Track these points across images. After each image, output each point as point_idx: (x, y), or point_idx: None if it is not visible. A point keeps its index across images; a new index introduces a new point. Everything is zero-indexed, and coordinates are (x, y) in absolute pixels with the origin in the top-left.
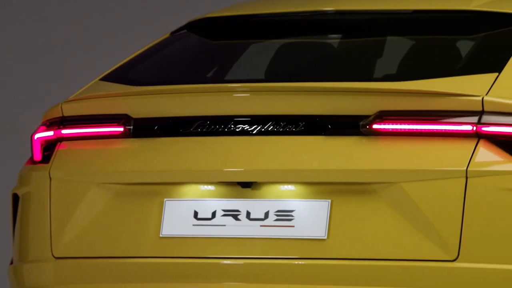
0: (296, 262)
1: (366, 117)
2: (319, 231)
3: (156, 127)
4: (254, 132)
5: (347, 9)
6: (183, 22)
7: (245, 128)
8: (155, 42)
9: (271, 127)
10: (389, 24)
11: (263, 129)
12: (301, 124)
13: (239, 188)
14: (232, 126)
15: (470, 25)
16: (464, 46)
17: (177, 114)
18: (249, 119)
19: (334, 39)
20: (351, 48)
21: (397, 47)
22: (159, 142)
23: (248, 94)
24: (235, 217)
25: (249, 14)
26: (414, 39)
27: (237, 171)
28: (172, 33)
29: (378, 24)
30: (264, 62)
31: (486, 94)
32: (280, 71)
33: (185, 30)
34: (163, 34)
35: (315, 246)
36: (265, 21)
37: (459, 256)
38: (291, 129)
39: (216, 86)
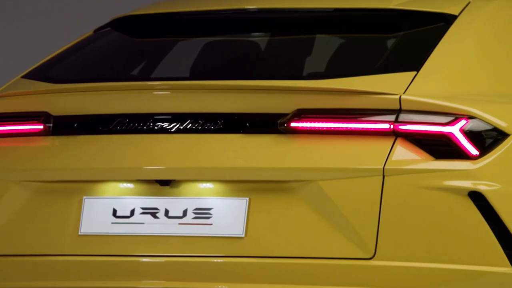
0: (214, 260)
1: (284, 115)
2: (237, 229)
3: (75, 125)
4: (173, 130)
5: (270, 7)
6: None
7: (164, 126)
8: (78, 39)
9: (190, 125)
10: (310, 23)
11: (181, 127)
12: (220, 122)
13: (158, 186)
14: (152, 124)
15: (390, 23)
16: (385, 44)
17: (96, 112)
18: (168, 117)
19: (258, 37)
20: (274, 47)
21: (320, 45)
22: (78, 140)
23: (167, 92)
24: (154, 215)
25: (173, 12)
26: (335, 37)
27: (155, 169)
28: (95, 31)
29: (300, 23)
30: (191, 61)
31: (404, 93)
32: (203, 69)
33: (108, 28)
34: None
35: (233, 244)
36: (190, 19)
37: (376, 254)
38: (210, 127)
39: (135, 84)
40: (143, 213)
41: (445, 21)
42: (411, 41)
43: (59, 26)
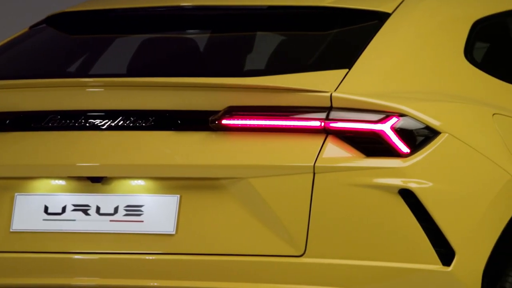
0: (145, 257)
1: (216, 112)
2: (168, 226)
3: (7, 121)
4: (104, 127)
5: (207, 5)
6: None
7: (96, 123)
8: (13, 36)
9: (122, 122)
10: (246, 20)
11: (113, 124)
12: (151, 119)
13: (89, 183)
14: (84, 121)
15: (324, 21)
16: (318, 42)
17: (29, 108)
18: (101, 114)
19: (196, 35)
20: (211, 44)
21: (262, 43)
22: (10, 137)
23: (100, 89)
24: (85, 212)
25: (109, 9)
26: (269, 35)
27: (87, 166)
28: (31, 27)
29: (236, 20)
30: (129, 58)
31: (335, 90)
32: (139, 66)
33: (44, 25)
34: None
35: (164, 241)
36: (127, 16)
37: (306, 252)
38: (141, 124)
39: (68, 81)
40: (74, 210)
41: (378, 19)
42: (345, 39)
43: None
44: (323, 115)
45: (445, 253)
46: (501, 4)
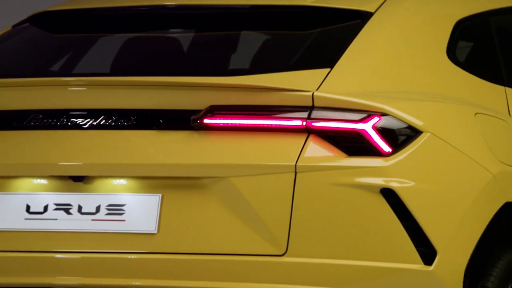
0: (126, 256)
1: (198, 111)
2: (150, 225)
3: None
4: (86, 126)
5: (191, 4)
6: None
7: (78, 122)
8: None
9: (103, 121)
10: (229, 20)
11: (95, 123)
12: (133, 119)
13: (71, 182)
14: (66, 120)
15: (307, 21)
16: (301, 41)
17: (10, 107)
18: (82, 113)
19: (179, 34)
20: (194, 43)
21: (247, 42)
22: None
23: (82, 88)
24: (67, 211)
25: (93, 8)
26: (252, 34)
27: (69, 165)
28: (13, 27)
29: (219, 20)
30: (112, 57)
31: (317, 90)
32: (122, 65)
33: (27, 24)
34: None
35: (145, 241)
36: (110, 15)
37: (288, 251)
38: (123, 123)
39: (50, 80)
40: (56, 209)
41: (361, 18)
42: (327, 38)
43: None
44: (304, 115)
45: (427, 253)
46: (484, 3)
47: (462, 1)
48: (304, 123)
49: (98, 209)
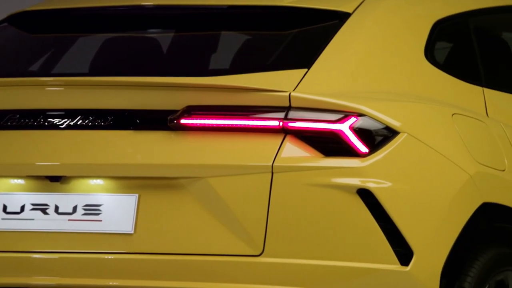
0: (103, 256)
1: (175, 111)
2: (126, 225)
3: None
4: (63, 126)
5: (169, 4)
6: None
7: (55, 122)
8: None
9: (80, 121)
10: (207, 20)
11: (72, 123)
12: (110, 119)
13: (48, 182)
14: (43, 120)
15: (284, 21)
16: (279, 42)
17: None
18: (59, 113)
19: (158, 34)
20: (173, 43)
21: (228, 42)
22: None
23: (59, 88)
24: (44, 211)
25: (72, 8)
26: (229, 34)
27: (46, 165)
28: None
29: (197, 20)
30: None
31: (294, 90)
32: (100, 65)
33: (5, 24)
34: None
35: (122, 241)
36: (89, 15)
37: (264, 251)
38: (100, 123)
39: (27, 80)
40: (33, 209)
41: (339, 18)
42: (305, 39)
43: None
44: (281, 115)
45: (404, 253)
46: (462, 4)
47: (441, 1)
48: (281, 123)
49: (75, 209)
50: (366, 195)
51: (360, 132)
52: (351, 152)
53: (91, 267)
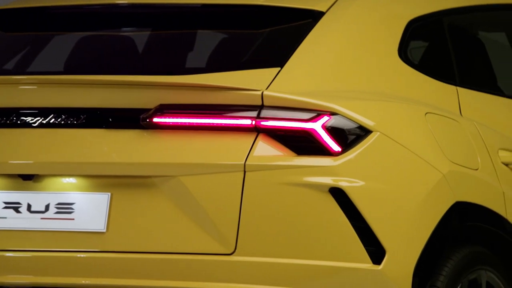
0: (76, 255)
1: (147, 110)
2: (99, 224)
3: None
4: (36, 124)
5: (144, 3)
6: None
7: (28, 121)
8: None
9: (53, 119)
10: (182, 18)
11: (44, 122)
12: (83, 117)
13: (21, 180)
14: (15, 118)
15: (258, 20)
16: (253, 40)
17: None
18: (32, 111)
19: (133, 32)
20: (148, 42)
21: (206, 41)
22: None
23: (32, 87)
24: (16, 210)
25: (46, 6)
26: (206, 33)
27: (18, 163)
28: None
29: (172, 18)
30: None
31: (266, 89)
32: (74, 64)
33: None
34: None
35: (94, 239)
36: (64, 14)
37: (236, 250)
38: (73, 122)
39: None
40: (5, 207)
41: (312, 17)
42: (278, 38)
43: None
44: (254, 114)
45: (376, 252)
46: (437, 3)
47: (415, 1)
48: (254, 122)
49: (47, 207)
50: (338, 194)
51: (332, 131)
52: (323, 151)
53: (63, 265)
